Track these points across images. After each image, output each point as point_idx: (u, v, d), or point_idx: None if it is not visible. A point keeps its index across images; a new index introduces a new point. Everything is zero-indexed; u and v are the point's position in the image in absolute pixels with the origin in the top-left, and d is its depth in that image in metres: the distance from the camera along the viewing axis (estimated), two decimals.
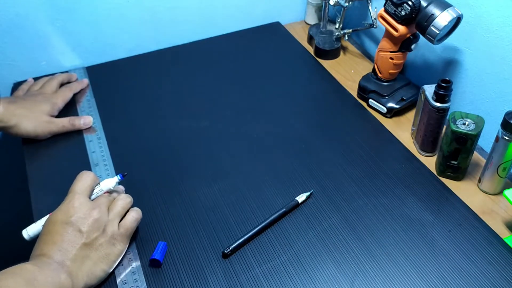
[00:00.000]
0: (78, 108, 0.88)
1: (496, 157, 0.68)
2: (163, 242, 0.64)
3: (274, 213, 0.68)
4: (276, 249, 0.64)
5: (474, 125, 0.68)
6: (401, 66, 0.85)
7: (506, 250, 0.64)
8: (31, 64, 0.94)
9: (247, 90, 0.92)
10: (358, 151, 0.79)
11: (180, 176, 0.75)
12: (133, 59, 1.00)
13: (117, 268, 0.62)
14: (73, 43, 0.95)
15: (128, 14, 0.96)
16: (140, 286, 0.60)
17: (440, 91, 0.71)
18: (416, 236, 0.66)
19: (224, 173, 0.75)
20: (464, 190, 0.73)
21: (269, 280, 0.61)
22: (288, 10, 1.13)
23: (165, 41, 1.04)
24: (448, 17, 0.71)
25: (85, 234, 0.57)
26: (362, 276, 0.61)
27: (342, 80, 0.95)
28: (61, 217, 0.57)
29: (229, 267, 0.62)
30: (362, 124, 0.85)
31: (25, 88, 0.87)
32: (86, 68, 0.97)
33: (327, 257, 0.63)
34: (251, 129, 0.83)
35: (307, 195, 0.71)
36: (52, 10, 0.90)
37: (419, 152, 0.79)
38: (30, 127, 0.77)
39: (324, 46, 1.00)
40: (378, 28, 0.91)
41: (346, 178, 0.74)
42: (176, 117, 0.85)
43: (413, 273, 0.61)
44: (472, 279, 0.60)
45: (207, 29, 1.06)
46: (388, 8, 0.78)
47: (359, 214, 0.69)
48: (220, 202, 0.71)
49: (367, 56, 1.02)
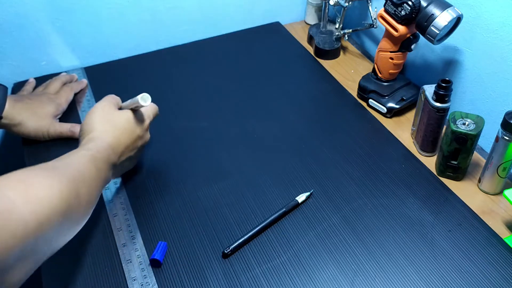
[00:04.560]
0: (78, 108, 0.88)
1: (496, 157, 0.68)
2: (163, 242, 0.64)
3: (274, 213, 0.68)
4: (276, 249, 0.64)
5: (474, 125, 0.68)
6: (401, 66, 0.85)
7: (506, 250, 0.64)
8: (31, 64, 0.94)
9: (247, 90, 0.92)
10: (358, 151, 0.79)
11: (180, 176, 0.75)
12: (133, 59, 1.00)
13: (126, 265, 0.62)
14: (73, 43, 0.95)
15: (128, 14, 0.96)
16: (150, 282, 0.60)
17: (440, 91, 0.71)
18: (416, 236, 0.66)
19: (224, 173, 0.75)
20: (464, 190, 0.73)
21: (269, 280, 0.61)
22: (288, 10, 1.13)
23: (165, 41, 1.04)
24: (448, 17, 0.71)
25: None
26: (362, 276, 0.61)
27: (342, 80, 0.95)
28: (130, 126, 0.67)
29: (229, 267, 0.62)
30: (362, 124, 0.85)
31: (29, 89, 0.88)
32: (86, 68, 0.97)
33: (327, 257, 0.63)
34: (251, 129, 0.83)
35: (307, 195, 0.71)
36: (52, 10, 0.90)
37: (419, 152, 0.79)
38: (32, 128, 0.77)
39: (324, 46, 1.00)
40: (378, 28, 0.91)
41: (346, 178, 0.74)
42: (176, 117, 0.85)
43: (413, 273, 0.61)
44: (472, 279, 0.60)
45: (207, 29, 1.06)
46: (388, 8, 0.78)
47: (359, 214, 0.69)
48: (220, 202, 0.71)
49: (367, 56, 1.02)
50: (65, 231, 0.50)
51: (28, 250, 0.42)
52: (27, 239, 0.42)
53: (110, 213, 0.69)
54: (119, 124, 0.66)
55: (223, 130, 0.83)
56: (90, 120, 0.65)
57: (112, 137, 0.64)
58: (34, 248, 0.43)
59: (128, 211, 0.69)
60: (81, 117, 0.86)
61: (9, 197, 0.42)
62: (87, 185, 0.54)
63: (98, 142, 0.62)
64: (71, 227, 0.51)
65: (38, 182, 0.46)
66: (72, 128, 0.80)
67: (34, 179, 0.46)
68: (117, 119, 0.66)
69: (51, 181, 0.47)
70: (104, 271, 0.62)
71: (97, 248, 0.65)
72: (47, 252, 0.47)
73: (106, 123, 0.65)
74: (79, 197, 0.51)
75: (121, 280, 0.61)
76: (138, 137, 0.69)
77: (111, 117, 0.66)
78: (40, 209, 0.44)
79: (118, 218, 0.68)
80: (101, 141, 0.63)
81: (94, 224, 0.68)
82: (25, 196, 0.43)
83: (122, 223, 0.68)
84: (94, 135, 0.63)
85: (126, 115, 0.67)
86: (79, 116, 0.86)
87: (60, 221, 0.47)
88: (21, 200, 0.42)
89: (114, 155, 0.64)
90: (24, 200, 0.42)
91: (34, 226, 0.42)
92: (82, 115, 0.86)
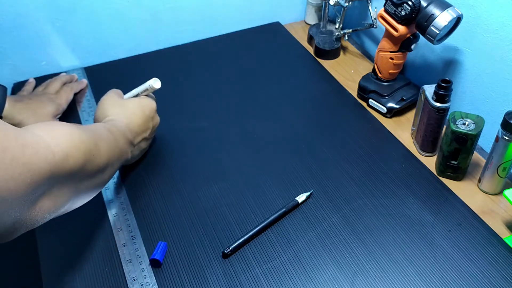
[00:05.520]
0: (78, 108, 0.88)
1: (496, 157, 0.68)
2: (163, 242, 0.64)
3: (274, 213, 0.68)
4: (276, 249, 0.64)
5: (474, 125, 0.68)
6: (401, 66, 0.85)
7: (506, 250, 0.64)
8: (31, 64, 0.94)
9: (247, 90, 0.92)
10: (358, 151, 0.79)
11: (180, 176, 0.75)
12: (133, 59, 1.00)
13: (126, 265, 0.62)
14: (73, 43, 0.95)
15: (128, 14, 0.96)
16: (150, 282, 0.60)
17: (440, 91, 0.71)
18: (416, 236, 0.66)
19: (224, 173, 0.75)
20: (464, 190, 0.73)
21: (269, 280, 0.61)
22: (288, 10, 1.13)
23: (165, 41, 1.04)
24: (448, 17, 0.71)
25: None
26: (362, 276, 0.61)
27: (342, 80, 0.95)
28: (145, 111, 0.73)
29: (229, 267, 0.62)
30: (362, 124, 0.85)
31: (29, 89, 0.88)
32: (86, 68, 0.97)
33: (327, 257, 0.63)
34: (251, 129, 0.83)
35: (307, 195, 0.71)
36: (52, 10, 0.90)
37: (419, 152, 0.79)
38: None
39: (324, 46, 1.00)
40: (378, 28, 0.91)
41: (346, 178, 0.74)
42: (176, 117, 0.85)
43: (413, 273, 0.61)
44: (472, 279, 0.60)
45: (207, 29, 1.06)
46: (388, 8, 0.78)
47: (359, 214, 0.69)
48: (220, 202, 0.71)
49: (367, 56, 1.02)
50: (86, 179, 0.54)
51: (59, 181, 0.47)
52: (55, 167, 0.46)
53: (110, 213, 0.69)
54: (130, 107, 0.72)
55: (223, 130, 0.83)
56: (102, 107, 0.71)
57: (126, 118, 0.70)
58: (63, 181, 0.48)
59: (128, 211, 0.69)
60: (81, 117, 0.86)
61: (37, 134, 0.47)
62: (105, 142, 0.59)
63: (114, 122, 0.67)
64: (92, 178, 0.55)
65: (61, 127, 0.52)
66: None
67: (57, 125, 0.52)
68: (127, 103, 0.72)
69: (71, 128, 0.53)
70: (104, 271, 0.62)
71: (97, 248, 0.65)
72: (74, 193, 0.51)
73: (118, 107, 0.71)
74: (98, 147, 0.56)
75: (121, 280, 0.61)
76: (149, 117, 0.74)
77: (121, 102, 0.72)
78: (65, 144, 0.49)
79: (118, 218, 0.69)
80: (117, 121, 0.68)
81: (94, 224, 0.68)
82: (51, 134, 0.48)
83: (122, 223, 0.68)
84: (109, 118, 0.69)
85: (134, 99, 0.74)
86: (79, 116, 0.86)
87: (82, 161, 0.51)
88: (47, 136, 0.47)
89: (130, 134, 0.69)
90: (50, 136, 0.48)
91: (60, 157, 0.47)
92: (82, 115, 0.86)
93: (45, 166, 0.44)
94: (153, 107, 0.75)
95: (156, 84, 0.73)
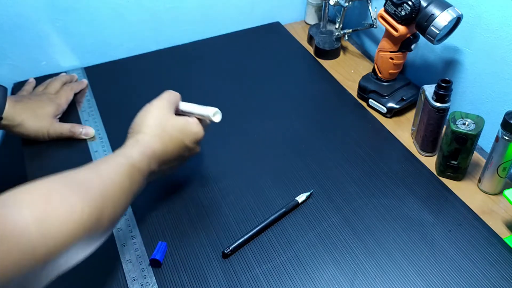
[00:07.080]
0: (78, 108, 0.88)
1: (496, 157, 0.68)
2: (163, 242, 0.64)
3: (274, 213, 0.68)
4: (276, 249, 0.64)
5: (474, 125, 0.68)
6: (401, 66, 0.85)
7: (506, 250, 0.64)
8: (31, 64, 0.94)
9: (247, 90, 0.92)
10: (358, 151, 0.79)
11: (180, 176, 0.74)
12: (133, 59, 1.00)
13: (126, 265, 0.62)
14: (73, 43, 0.95)
15: (128, 14, 0.96)
16: (150, 282, 0.60)
17: (440, 91, 0.71)
18: (416, 236, 0.66)
19: (224, 173, 0.75)
20: (464, 190, 0.73)
21: (269, 280, 0.61)
22: (288, 10, 1.13)
23: (165, 41, 1.04)
24: (448, 17, 0.71)
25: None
26: (362, 276, 0.61)
27: (342, 80, 0.95)
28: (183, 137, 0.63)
29: (229, 267, 0.62)
30: (362, 124, 0.85)
31: (29, 89, 0.88)
32: (86, 68, 0.97)
33: (327, 257, 0.63)
34: (251, 129, 0.83)
35: (307, 195, 0.71)
36: (52, 10, 0.90)
37: (419, 152, 0.79)
38: (32, 128, 0.77)
39: (324, 46, 1.00)
40: (378, 28, 0.91)
41: (346, 178, 0.74)
42: None
43: (413, 273, 0.61)
44: (472, 279, 0.60)
45: (207, 29, 1.06)
46: (388, 8, 0.78)
47: (359, 214, 0.69)
48: (220, 202, 0.71)
49: (367, 56, 1.02)
50: (79, 252, 0.47)
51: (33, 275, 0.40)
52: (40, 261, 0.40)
53: None
54: (171, 132, 0.62)
55: (223, 130, 0.83)
56: (142, 119, 0.62)
57: (160, 144, 0.61)
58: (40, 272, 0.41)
59: (128, 211, 0.69)
60: (81, 117, 0.86)
61: (24, 216, 0.39)
62: (114, 202, 0.51)
63: (142, 148, 0.59)
64: (86, 248, 0.48)
65: (59, 201, 0.43)
66: (72, 129, 0.80)
67: (56, 196, 0.44)
68: (170, 127, 0.62)
69: (74, 200, 0.45)
70: (104, 271, 0.62)
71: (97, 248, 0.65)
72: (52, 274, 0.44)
73: (157, 127, 0.61)
74: (102, 216, 0.48)
75: (121, 280, 0.61)
76: (187, 148, 0.64)
77: (165, 122, 0.62)
78: (54, 233, 0.41)
79: None
80: (147, 147, 0.59)
81: None
82: (41, 217, 0.40)
83: (122, 223, 0.68)
84: (141, 137, 0.60)
85: (181, 123, 0.63)
86: (79, 116, 0.86)
87: (74, 244, 0.44)
88: (36, 221, 0.40)
89: (156, 163, 0.60)
90: (38, 222, 0.40)
91: (43, 253, 0.40)
92: (82, 115, 0.86)
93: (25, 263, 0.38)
94: (197, 137, 0.65)
95: (215, 118, 0.65)
